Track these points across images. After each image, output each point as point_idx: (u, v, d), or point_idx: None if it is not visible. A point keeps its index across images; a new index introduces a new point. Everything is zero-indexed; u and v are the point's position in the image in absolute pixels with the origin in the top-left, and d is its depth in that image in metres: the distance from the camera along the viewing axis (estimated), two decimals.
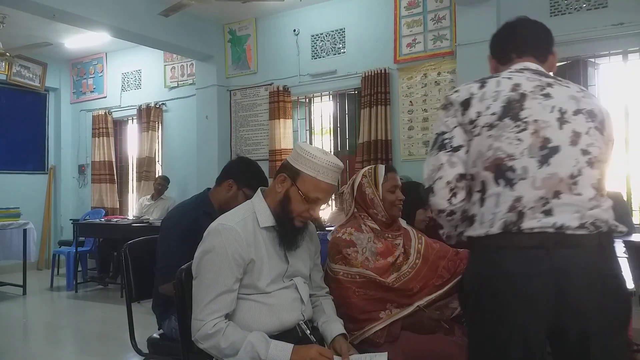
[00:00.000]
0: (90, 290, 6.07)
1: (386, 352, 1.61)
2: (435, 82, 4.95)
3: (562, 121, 1.36)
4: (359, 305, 1.86)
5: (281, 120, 5.78)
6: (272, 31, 6.01)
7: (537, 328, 1.31)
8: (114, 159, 7.40)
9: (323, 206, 1.67)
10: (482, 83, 1.45)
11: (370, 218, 2.03)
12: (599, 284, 1.30)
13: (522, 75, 1.45)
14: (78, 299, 5.63)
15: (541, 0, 4.44)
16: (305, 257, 1.75)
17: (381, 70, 5.11)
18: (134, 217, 6.19)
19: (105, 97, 7.56)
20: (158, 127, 6.89)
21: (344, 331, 1.70)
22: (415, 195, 2.38)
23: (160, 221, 5.36)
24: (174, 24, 5.50)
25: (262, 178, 2.34)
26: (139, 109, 6.97)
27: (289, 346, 1.50)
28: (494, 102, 1.39)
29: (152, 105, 6.86)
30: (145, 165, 6.81)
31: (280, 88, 5.79)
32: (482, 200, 1.38)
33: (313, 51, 5.73)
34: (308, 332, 1.63)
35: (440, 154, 1.43)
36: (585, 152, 1.35)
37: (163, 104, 6.88)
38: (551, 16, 4.40)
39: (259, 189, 1.74)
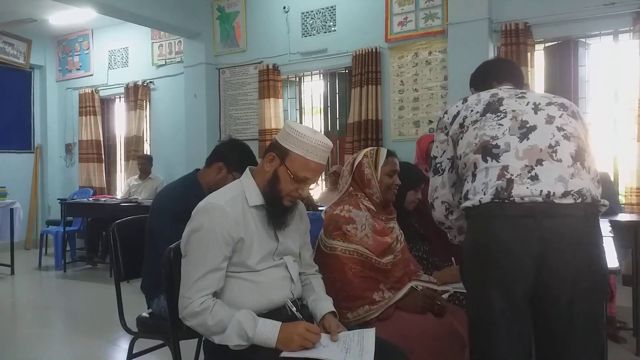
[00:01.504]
0: (79, 270, 6.05)
1: (374, 328, 1.62)
2: (427, 61, 4.92)
3: (536, 109, 1.56)
4: (354, 282, 1.88)
5: (271, 99, 5.73)
6: (261, 8, 5.92)
7: (522, 287, 1.43)
8: (101, 138, 7.33)
9: (312, 185, 1.66)
10: (464, 99, 1.71)
11: (366, 198, 2.06)
12: (580, 251, 1.41)
13: (499, 90, 1.70)
14: (67, 279, 5.61)
15: None
16: (295, 236, 1.75)
17: (372, 49, 5.06)
18: (122, 197, 6.15)
19: (91, 75, 7.44)
20: (146, 106, 6.82)
21: (333, 309, 1.71)
22: (406, 176, 2.40)
23: (150, 201, 5.36)
24: (162, 0, 5.39)
25: (253, 162, 2.28)
26: (127, 87, 6.88)
27: (277, 324, 1.50)
28: (476, 105, 1.64)
29: (140, 83, 6.77)
30: (134, 144, 6.75)
31: (270, 66, 5.73)
32: (473, 176, 1.55)
33: (303, 29, 5.65)
34: (294, 309, 1.63)
35: (436, 177, 1.75)
36: (560, 129, 1.51)
37: (151, 82, 6.79)
38: None
39: (247, 168, 1.72)
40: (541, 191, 1.40)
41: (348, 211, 1.98)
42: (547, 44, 4.47)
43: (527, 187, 1.42)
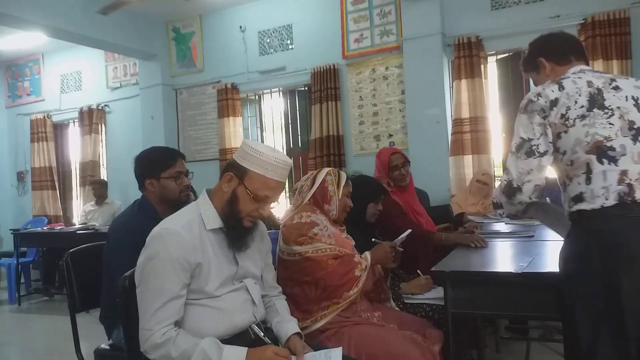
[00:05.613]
0: (35, 303, 5.77)
1: (341, 347, 1.61)
2: (384, 76, 4.98)
3: (638, 106, 1.56)
4: (338, 271, 1.94)
5: (230, 118, 5.68)
6: (217, 28, 5.89)
7: None
8: (55, 165, 7.09)
9: (273, 204, 1.63)
10: (559, 85, 1.62)
11: (322, 214, 2.10)
12: None
13: (587, 74, 1.64)
14: (22, 313, 5.34)
15: None
16: (256, 258, 1.71)
17: (330, 66, 5.10)
18: (79, 224, 5.93)
19: (43, 100, 7.22)
20: (101, 130, 6.65)
21: (299, 330, 1.69)
22: (366, 189, 2.43)
23: (107, 227, 5.18)
24: (114, 22, 5.30)
25: (164, 153, 2.24)
26: (81, 112, 6.70)
27: (243, 350, 1.47)
28: (579, 96, 1.57)
29: (94, 107, 6.61)
30: (89, 169, 6.56)
31: (229, 85, 5.69)
32: (588, 179, 1.53)
33: (260, 48, 5.65)
34: (262, 334, 1.59)
35: (530, 159, 1.62)
36: None
37: (106, 105, 6.64)
38: (492, 9, 4.52)
39: (204, 190, 1.67)
40: None
41: (308, 216, 2.03)
42: (498, 56, 4.60)
43: None
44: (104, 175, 6.66)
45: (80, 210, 6.31)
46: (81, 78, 6.89)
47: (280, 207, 5.25)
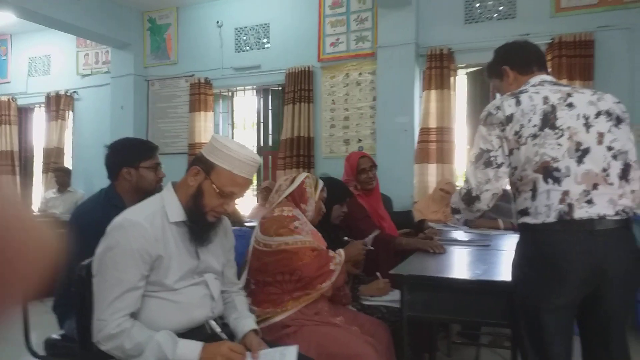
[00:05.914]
0: None
1: (297, 346, 1.62)
2: (357, 82, 5.05)
3: (587, 126, 1.63)
4: (313, 264, 1.96)
5: (202, 113, 5.65)
6: (194, 21, 5.85)
7: (581, 296, 1.60)
8: (17, 149, 6.89)
9: (237, 200, 1.64)
10: (517, 99, 1.67)
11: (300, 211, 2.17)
12: (626, 257, 1.60)
13: (545, 88, 1.70)
14: None
15: (457, 8, 4.66)
16: (218, 253, 1.71)
17: (305, 68, 5.13)
18: (39, 211, 5.78)
19: (9, 82, 7.03)
20: (68, 116, 6.50)
21: (256, 327, 1.69)
22: (332, 191, 2.46)
23: (68, 215, 5.07)
24: (88, 7, 5.23)
25: (143, 144, 2.28)
26: (48, 97, 6.55)
27: (198, 344, 1.46)
28: (533, 114, 1.63)
29: (63, 93, 6.46)
30: (54, 156, 6.42)
31: (202, 80, 5.66)
32: (533, 196, 1.64)
33: (237, 44, 5.64)
34: (218, 329, 1.59)
35: (488, 169, 1.71)
36: (609, 148, 1.62)
37: (74, 92, 6.51)
38: (465, 23, 4.63)
39: (170, 183, 1.67)
40: (598, 214, 1.56)
41: (289, 210, 2.09)
42: (468, 70, 4.72)
43: (586, 211, 1.56)
44: (68, 163, 6.51)
45: (41, 198, 6.15)
46: (50, 62, 6.74)
47: (245, 204, 5.26)
